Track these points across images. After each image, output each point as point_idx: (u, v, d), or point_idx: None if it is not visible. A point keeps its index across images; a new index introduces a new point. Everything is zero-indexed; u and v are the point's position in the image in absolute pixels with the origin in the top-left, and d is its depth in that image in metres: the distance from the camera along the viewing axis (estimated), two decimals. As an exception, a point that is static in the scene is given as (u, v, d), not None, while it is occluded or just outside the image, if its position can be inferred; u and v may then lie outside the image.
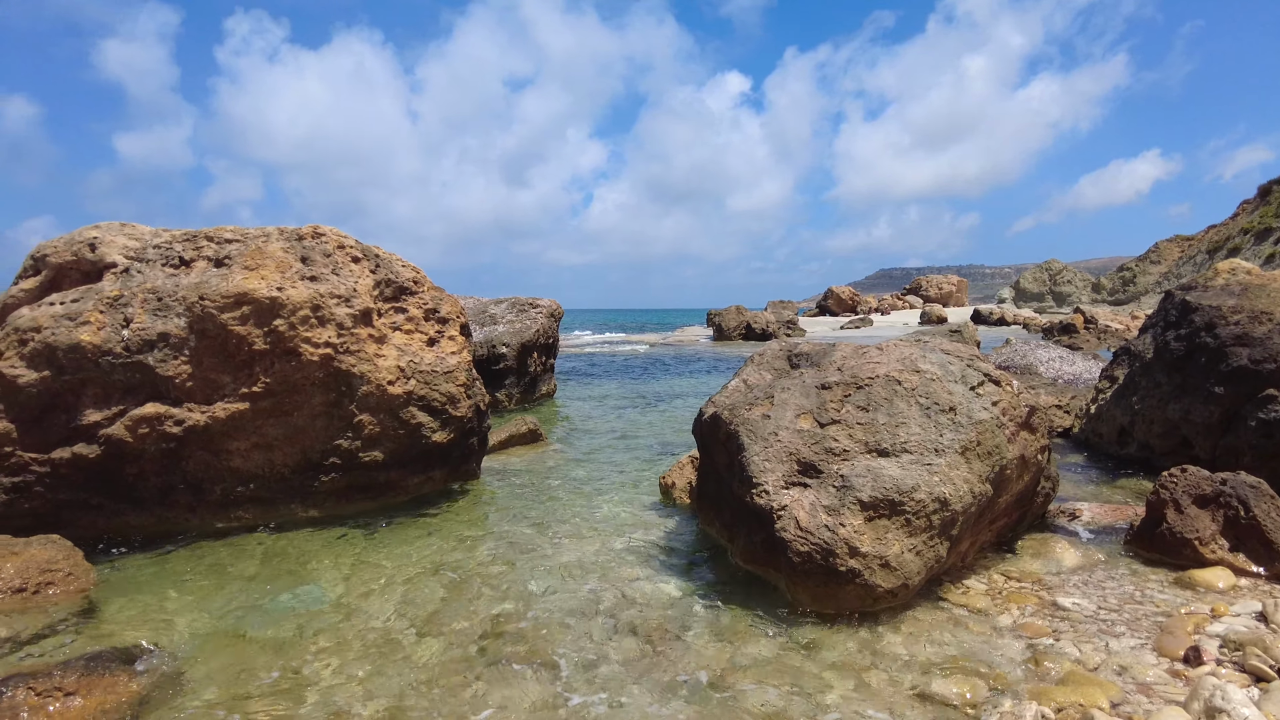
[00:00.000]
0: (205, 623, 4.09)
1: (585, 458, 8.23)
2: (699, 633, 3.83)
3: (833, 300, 57.00)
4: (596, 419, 11.15)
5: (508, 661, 3.55)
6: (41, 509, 5.26)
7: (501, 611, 4.11)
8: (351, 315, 5.59)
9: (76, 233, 5.78)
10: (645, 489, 6.71)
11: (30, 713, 2.90)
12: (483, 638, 3.81)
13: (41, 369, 5.09)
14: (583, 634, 3.82)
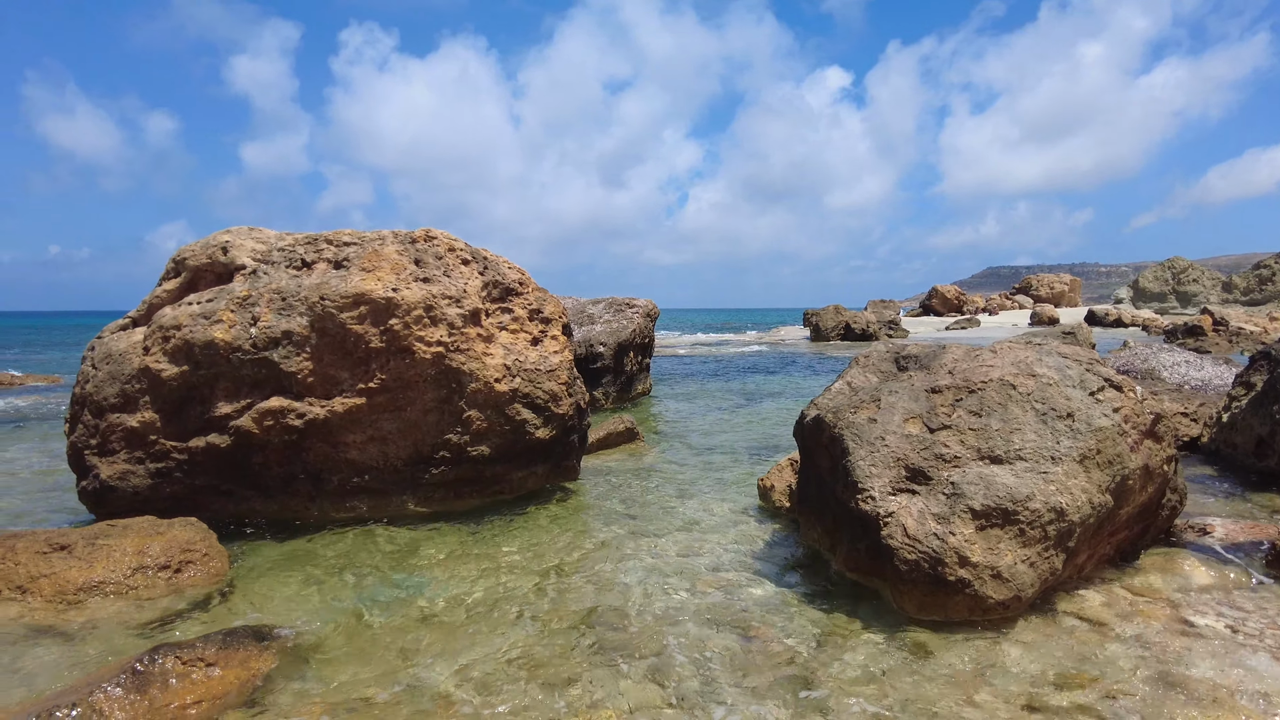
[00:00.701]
0: (326, 607, 4.32)
1: (682, 458, 8.26)
2: (801, 637, 3.80)
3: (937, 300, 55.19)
4: (692, 419, 11.17)
5: (611, 657, 3.61)
6: (180, 493, 5.68)
7: (603, 607, 4.19)
8: (461, 315, 5.79)
9: (211, 237, 6.20)
10: (743, 491, 6.68)
11: (177, 680, 3.15)
12: (585, 632, 3.89)
13: (181, 364, 5.49)
14: (683, 634, 3.85)
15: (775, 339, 36.93)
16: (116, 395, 5.59)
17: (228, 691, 3.24)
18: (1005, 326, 39.59)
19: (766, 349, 28.87)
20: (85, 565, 4.40)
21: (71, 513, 6.36)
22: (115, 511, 5.61)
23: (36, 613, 4.19)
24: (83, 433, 5.72)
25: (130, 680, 3.06)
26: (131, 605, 4.32)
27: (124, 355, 5.66)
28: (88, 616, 4.19)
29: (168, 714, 3.07)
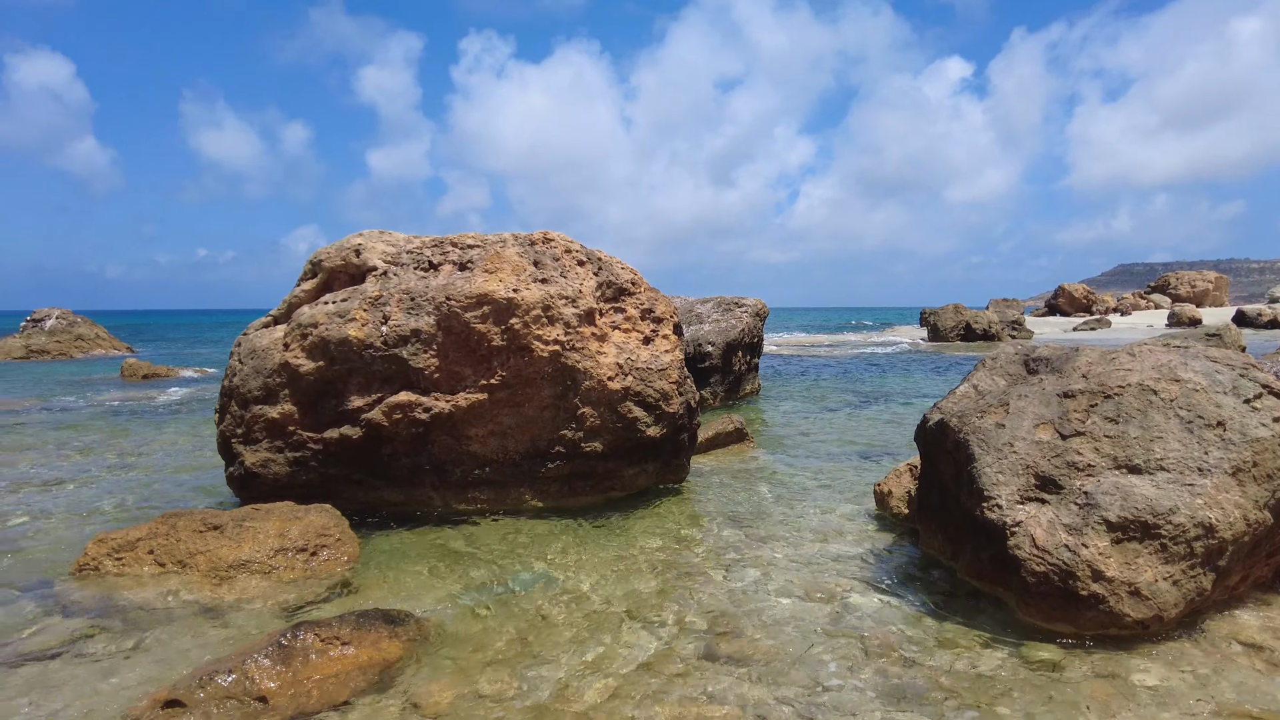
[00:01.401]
0: (449, 596, 4.51)
1: (792, 460, 8.16)
2: (922, 648, 3.69)
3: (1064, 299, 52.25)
4: (802, 420, 11.01)
5: (725, 662, 3.60)
6: (315, 481, 6.05)
7: (714, 610, 4.19)
8: (577, 315, 5.92)
9: (345, 240, 6.57)
10: (857, 496, 6.54)
11: (317, 655, 3.37)
12: (698, 634, 3.90)
13: (318, 359, 5.85)
14: (796, 640, 3.81)
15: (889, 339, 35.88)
16: (260, 388, 6.01)
17: (360, 669, 3.44)
18: (1139, 328, 37.08)
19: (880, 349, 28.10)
20: (234, 545, 4.76)
21: (220, 495, 6.89)
22: (258, 496, 6.04)
23: (194, 586, 4.57)
24: (230, 422, 6.18)
25: (276, 653, 3.30)
26: (273, 583, 4.64)
27: (266, 351, 6.08)
28: (236, 591, 4.53)
29: (308, 686, 3.28)
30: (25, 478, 7.80)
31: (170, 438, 10.21)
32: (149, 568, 4.75)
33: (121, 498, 6.96)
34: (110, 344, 29.65)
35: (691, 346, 12.63)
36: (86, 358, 26.74)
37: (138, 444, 9.72)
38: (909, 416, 11.10)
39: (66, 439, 10.15)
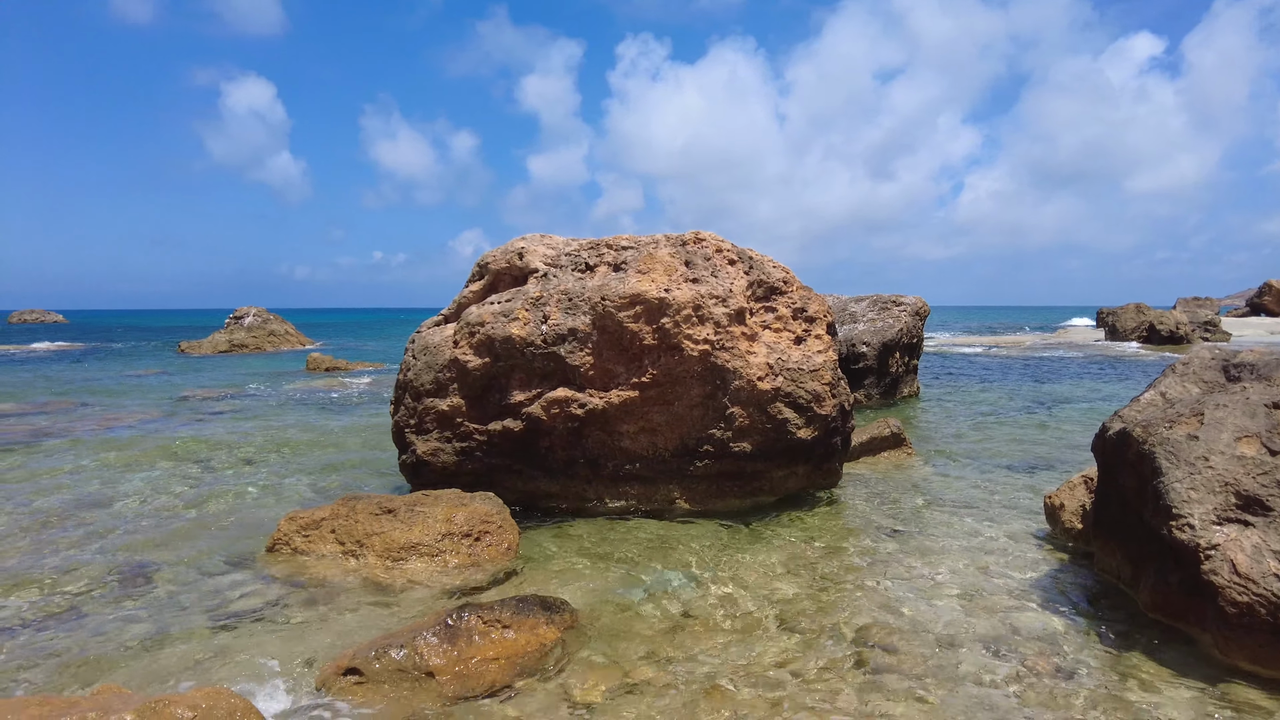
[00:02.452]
0: (601, 588, 4.64)
1: (954, 467, 7.78)
2: (1097, 678, 3.43)
3: (1270, 297, 46.68)
4: (964, 425, 10.47)
5: (877, 677, 3.49)
6: (479, 470, 6.39)
7: (867, 621, 4.07)
8: (727, 314, 5.91)
9: (509, 244, 6.88)
10: (1024, 508, 6.16)
11: (480, 637, 3.56)
12: (850, 645, 3.80)
13: (484, 356, 6.17)
14: (955, 660, 3.63)
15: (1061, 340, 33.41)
16: (431, 382, 6.41)
17: (520, 653, 3.60)
18: (1371, 331, 32.53)
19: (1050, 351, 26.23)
20: (406, 528, 5.11)
21: (392, 480, 7.41)
22: (427, 483, 6.45)
23: (369, 564, 4.95)
24: (404, 413, 6.64)
25: (443, 631, 3.52)
26: (439, 565, 4.95)
27: (438, 348, 6.47)
28: (406, 571, 4.87)
29: (471, 666, 3.48)
30: (226, 459, 8.71)
31: (349, 425, 11.09)
32: (331, 545, 5.19)
33: (307, 479, 7.64)
34: (298, 339, 32.58)
35: (845, 347, 12.30)
36: (277, 351, 29.51)
37: (321, 430, 10.63)
38: (1083, 425, 10.30)
39: (260, 425, 11.24)
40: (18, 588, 4.73)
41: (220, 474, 7.94)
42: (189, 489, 7.24)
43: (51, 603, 4.51)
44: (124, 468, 8.20)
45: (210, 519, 6.23)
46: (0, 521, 6.15)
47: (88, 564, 5.16)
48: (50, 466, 8.28)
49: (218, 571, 5.03)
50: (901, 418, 10.62)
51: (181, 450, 9.18)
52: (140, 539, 5.69)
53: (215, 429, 10.89)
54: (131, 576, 4.94)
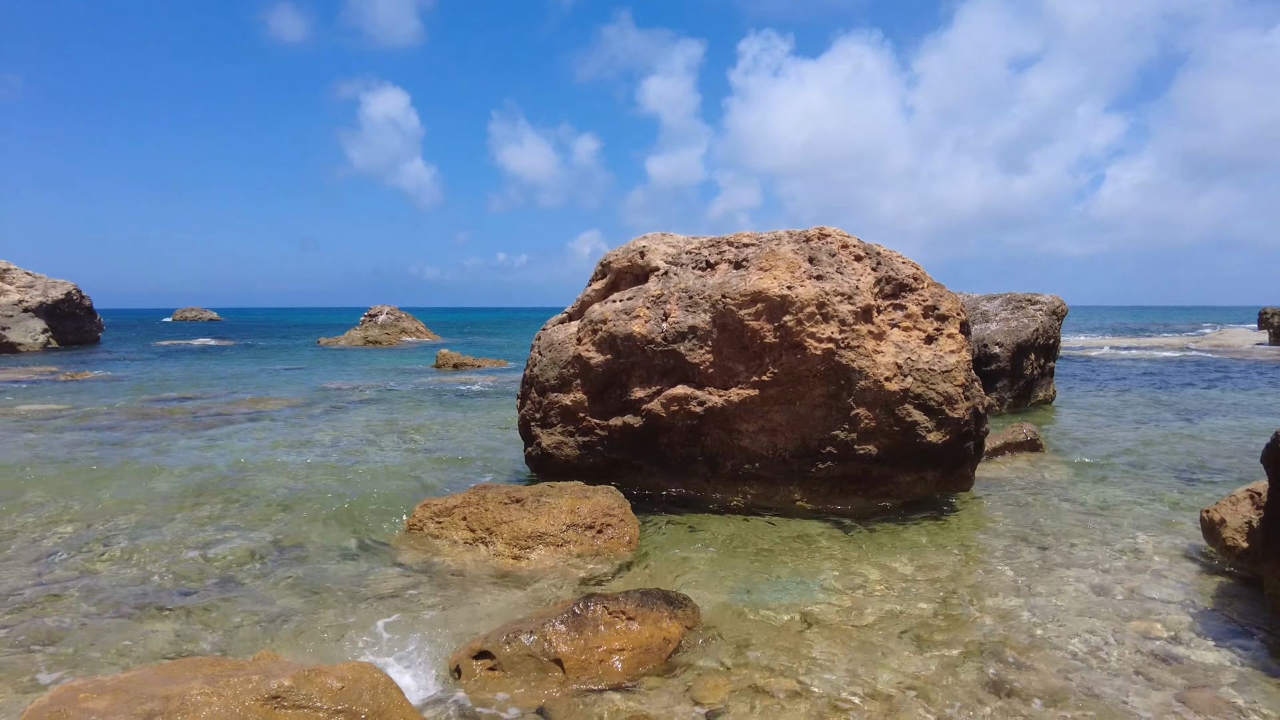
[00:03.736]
0: (720, 587, 4.62)
1: (1094, 476, 7.31)
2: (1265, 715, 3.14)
3: None
4: (1106, 432, 9.82)
5: (1012, 700, 3.31)
6: (601, 464, 6.51)
7: (1001, 637, 3.87)
8: (853, 312, 5.78)
9: (630, 243, 6.97)
10: (1176, 522, 5.72)
11: (605, 627, 3.63)
12: (981, 665, 3.61)
13: (606, 353, 6.28)
14: (1098, 684, 3.41)
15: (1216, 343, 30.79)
16: (556, 378, 6.58)
17: (643, 645, 3.65)
18: None
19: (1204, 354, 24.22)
20: (532, 518, 5.26)
21: (516, 471, 7.65)
22: (550, 474, 6.63)
23: (498, 551, 5.13)
24: (530, 408, 6.84)
25: (571, 620, 3.60)
26: (563, 554, 5.07)
27: (562, 344, 6.63)
28: (532, 559, 5.02)
29: (596, 655, 3.55)
30: (362, 447, 9.22)
31: (476, 418, 11.52)
32: (462, 532, 5.41)
33: (437, 468, 7.99)
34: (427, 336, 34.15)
35: (976, 348, 11.77)
36: (408, 347, 31.00)
37: (450, 422, 11.10)
38: (1238, 434, 9.46)
39: (394, 415, 11.84)
40: (179, 558, 5.17)
41: (358, 460, 8.42)
42: (329, 473, 7.71)
43: (209, 572, 4.91)
44: (270, 452, 8.83)
45: (350, 502, 6.61)
46: (162, 497, 6.74)
47: (240, 539, 5.58)
48: (205, 449, 9.01)
49: (358, 551, 5.34)
50: (1037, 423, 10.06)
51: (322, 437, 9.80)
52: (287, 517, 6.12)
53: (353, 418, 11.56)
54: (280, 552, 5.31)
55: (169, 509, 6.41)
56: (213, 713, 2.77)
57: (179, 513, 6.30)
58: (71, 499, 6.71)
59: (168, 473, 7.78)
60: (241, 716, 2.79)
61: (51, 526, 5.91)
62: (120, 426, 10.81)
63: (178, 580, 4.80)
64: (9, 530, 5.81)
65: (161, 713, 2.72)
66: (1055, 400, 12.95)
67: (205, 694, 2.85)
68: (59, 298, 31.32)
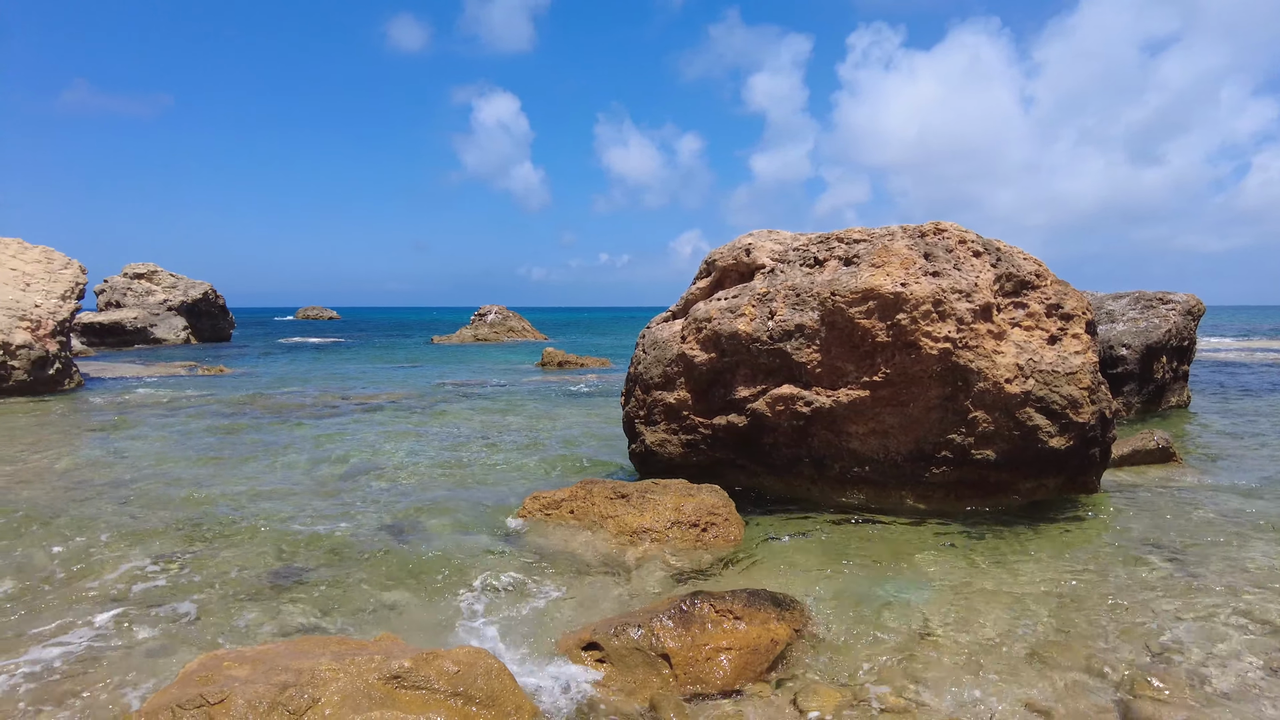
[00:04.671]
0: (828, 590, 4.52)
1: (1232, 489, 6.76)
2: None
3: None
4: (1248, 443, 9.07)
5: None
6: (703, 463, 6.49)
7: (1132, 660, 3.62)
8: (971, 310, 5.55)
9: (736, 241, 6.92)
10: (1339, 539, 5.23)
11: (712, 625, 3.62)
12: (1111, 689, 3.38)
13: (710, 351, 6.26)
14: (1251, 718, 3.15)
15: (1381, 348, 27.95)
16: (660, 376, 6.60)
17: (750, 645, 3.61)
18: None
19: (1366, 361, 22.04)
20: (637, 513, 5.30)
21: (622, 468, 7.72)
22: (654, 472, 6.66)
23: (604, 544, 5.19)
24: (634, 405, 6.89)
25: (678, 616, 3.61)
26: (668, 551, 5.08)
27: (666, 343, 6.65)
28: (637, 553, 5.05)
29: (703, 653, 3.54)
30: (473, 440, 9.52)
31: (580, 414, 11.71)
32: (569, 524, 5.50)
33: (544, 461, 8.16)
34: (533, 334, 34.95)
35: (1101, 349, 11.11)
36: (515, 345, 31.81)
37: (556, 418, 11.31)
38: None
39: (502, 410, 12.17)
40: (302, 541, 5.47)
41: (470, 452, 8.70)
42: (443, 464, 8.00)
43: (330, 555, 5.17)
44: (387, 443, 9.23)
45: (462, 492, 6.84)
46: (288, 484, 7.15)
47: (358, 524, 5.86)
48: (329, 439, 9.51)
49: (470, 540, 5.51)
50: (1169, 430, 9.40)
51: (436, 430, 10.18)
52: (403, 506, 6.38)
53: (465, 412, 11.95)
54: (396, 539, 5.54)
55: (294, 495, 6.79)
56: (339, 688, 2.92)
57: (303, 499, 6.67)
58: (209, 484, 7.22)
59: (293, 461, 8.25)
60: (365, 693, 2.93)
61: (191, 508, 6.36)
62: (250, 417, 11.55)
63: (301, 561, 5.08)
64: (156, 511, 6.29)
65: (294, 684, 2.89)
66: (1190, 406, 12.08)
67: (333, 670, 3.00)
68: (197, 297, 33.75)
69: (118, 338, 30.68)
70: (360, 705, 2.86)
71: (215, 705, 2.77)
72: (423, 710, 2.90)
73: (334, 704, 2.84)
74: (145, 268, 33.36)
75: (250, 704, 2.76)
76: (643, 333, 7.12)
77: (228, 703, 2.77)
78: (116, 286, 32.31)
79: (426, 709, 2.91)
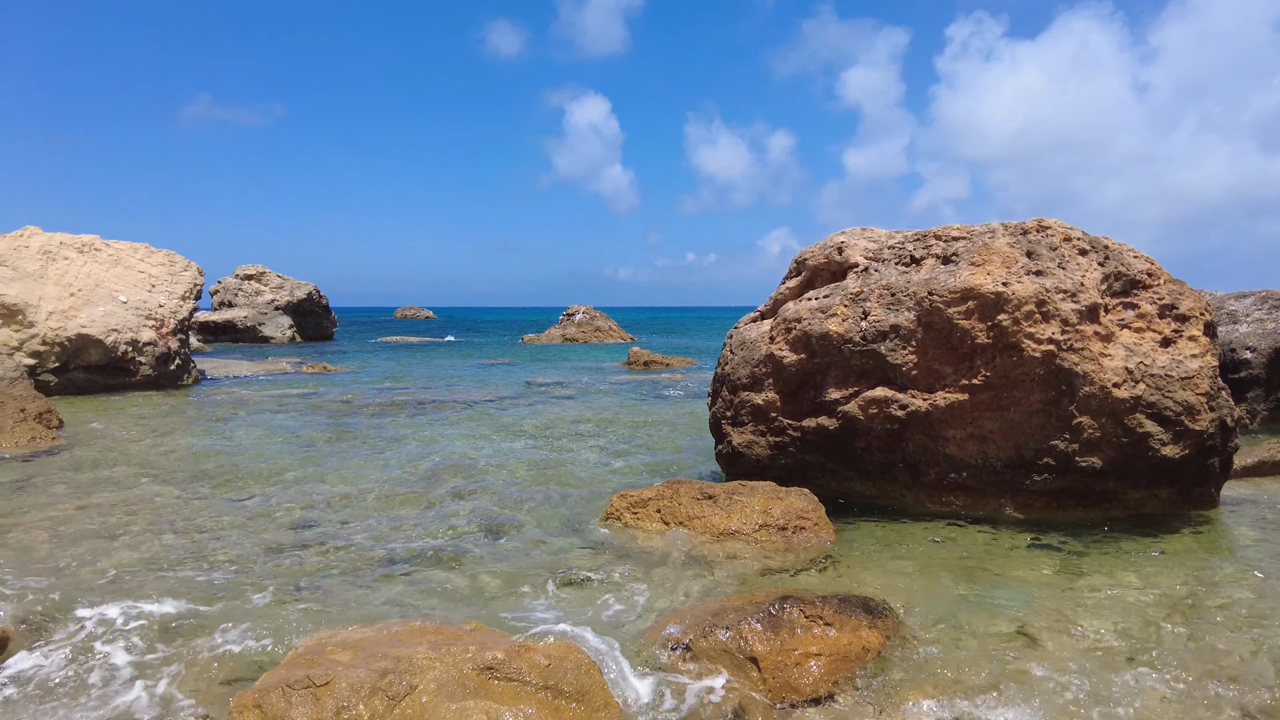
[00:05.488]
0: (922, 598, 4.39)
1: (1381, 504, 6.23)
2: None
3: None
4: (1396, 454, 8.33)
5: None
6: (792, 465, 6.40)
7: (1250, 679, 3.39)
8: (1077, 311, 5.30)
9: (828, 239, 6.80)
10: None
11: (801, 630, 3.57)
12: (1233, 710, 3.18)
13: (800, 352, 6.17)
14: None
15: None
16: (747, 376, 6.55)
17: (841, 652, 3.54)
18: None
19: None
20: (724, 514, 5.28)
21: (707, 469, 7.69)
22: (741, 473, 6.61)
23: (690, 544, 5.18)
24: (721, 406, 6.86)
25: (767, 619, 3.58)
26: (755, 554, 5.04)
27: (754, 343, 6.60)
28: (723, 555, 5.03)
29: (792, 658, 3.49)
30: (562, 438, 9.66)
31: (667, 414, 11.74)
32: (655, 524, 5.52)
33: (630, 460, 8.22)
34: (619, 334, 35.22)
35: (1221, 352, 10.42)
36: (602, 344, 32.14)
37: (642, 417, 11.37)
38: None
39: (590, 409, 12.31)
40: (400, 533, 5.66)
41: (558, 450, 8.84)
42: (533, 461, 8.15)
43: (426, 546, 5.34)
44: (480, 440, 9.47)
45: (551, 489, 6.96)
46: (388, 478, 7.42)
47: (452, 518, 6.03)
48: (426, 436, 9.83)
49: (559, 535, 5.60)
50: (1300, 440, 8.73)
51: (527, 427, 10.39)
52: (494, 500, 6.54)
53: (555, 410, 12.16)
54: (487, 532, 5.69)
55: (393, 489, 7.05)
56: (435, 676, 3.02)
57: (401, 492, 6.91)
58: (312, 476, 7.57)
59: (392, 457, 8.57)
60: (459, 682, 3.02)
61: (297, 498, 6.68)
62: (352, 414, 12.04)
63: (398, 552, 5.26)
64: (270, 502, 6.64)
65: (393, 671, 3.00)
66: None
67: (429, 659, 3.10)
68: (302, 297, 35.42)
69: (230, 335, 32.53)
70: (455, 694, 2.95)
71: (321, 687, 2.91)
72: (515, 702, 2.97)
73: (430, 692, 2.94)
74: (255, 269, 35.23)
75: (353, 688, 2.89)
76: (730, 333, 7.08)
77: (332, 685, 2.90)
78: (229, 287, 34.25)
79: (518, 700, 2.98)
